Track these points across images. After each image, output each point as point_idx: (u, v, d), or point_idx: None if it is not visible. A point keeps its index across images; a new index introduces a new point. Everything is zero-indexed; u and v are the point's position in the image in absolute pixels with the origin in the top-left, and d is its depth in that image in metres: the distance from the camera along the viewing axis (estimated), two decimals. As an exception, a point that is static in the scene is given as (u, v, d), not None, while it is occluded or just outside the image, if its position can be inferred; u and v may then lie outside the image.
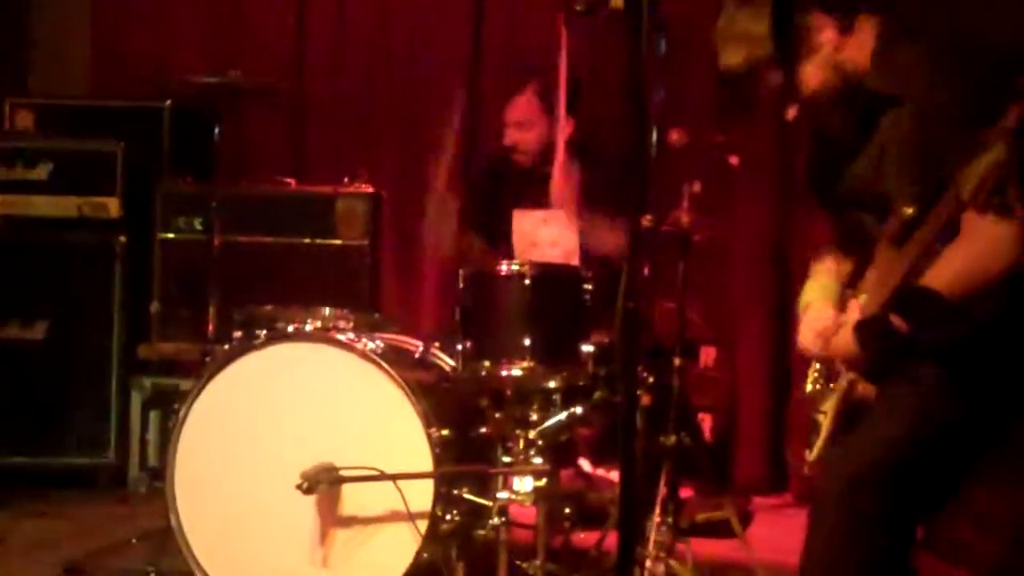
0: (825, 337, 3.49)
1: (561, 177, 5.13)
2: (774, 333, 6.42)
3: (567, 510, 4.53)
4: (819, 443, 3.49)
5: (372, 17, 6.91)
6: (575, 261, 5.09)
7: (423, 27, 6.82)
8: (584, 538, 4.70)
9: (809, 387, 3.63)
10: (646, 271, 3.08)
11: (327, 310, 4.52)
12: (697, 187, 4.86)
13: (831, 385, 3.50)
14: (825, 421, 3.48)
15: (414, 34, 6.84)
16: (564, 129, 5.25)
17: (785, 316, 6.40)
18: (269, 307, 4.58)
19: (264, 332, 4.35)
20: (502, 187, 5.57)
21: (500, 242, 5.40)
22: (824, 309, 3.58)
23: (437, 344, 4.65)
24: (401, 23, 6.87)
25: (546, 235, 5.20)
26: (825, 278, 3.64)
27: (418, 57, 6.84)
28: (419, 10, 6.83)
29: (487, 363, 4.28)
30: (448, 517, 4.18)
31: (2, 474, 5.73)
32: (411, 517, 4.07)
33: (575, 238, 5.16)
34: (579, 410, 4.44)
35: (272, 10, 6.98)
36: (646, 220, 3.13)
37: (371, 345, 4.26)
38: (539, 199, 5.29)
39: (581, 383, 4.36)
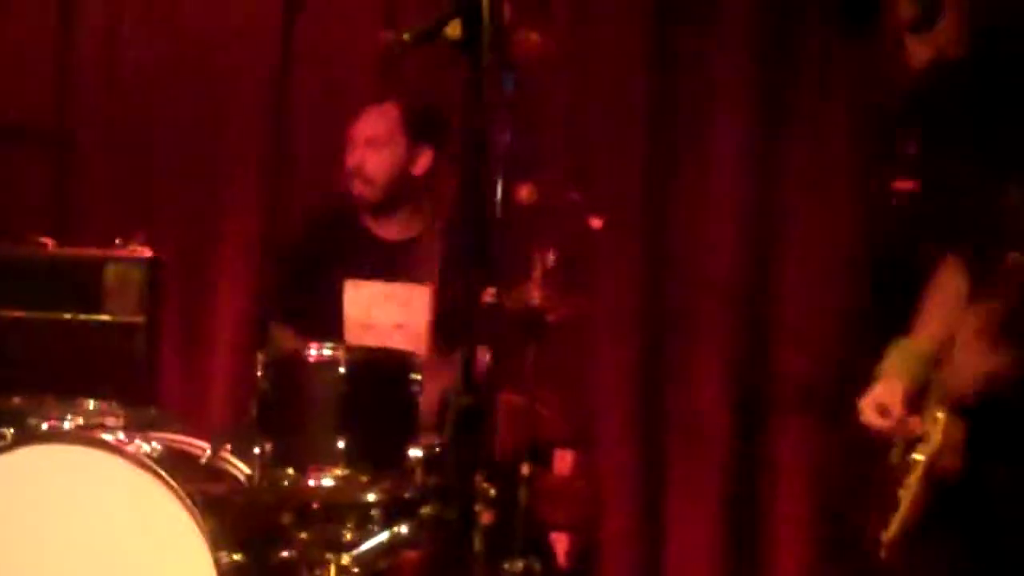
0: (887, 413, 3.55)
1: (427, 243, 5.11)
2: (644, 433, 6.44)
3: (389, 654, 4.52)
4: (897, 521, 3.52)
5: (152, 35, 6.83)
6: (423, 348, 5.08)
7: (218, 49, 6.75)
8: None
9: (894, 457, 3.64)
10: (487, 358, 3.09)
11: (91, 403, 4.50)
12: (552, 257, 4.88)
13: (913, 456, 3.52)
14: (906, 497, 3.51)
15: (205, 58, 6.77)
16: (421, 161, 5.25)
17: (657, 412, 6.44)
18: (18, 399, 4.52)
19: (11, 431, 4.30)
20: (328, 251, 5.43)
21: (320, 329, 5.31)
22: (893, 386, 3.62)
23: (229, 446, 4.62)
24: (190, 42, 6.80)
25: (386, 315, 5.18)
26: (912, 346, 3.65)
27: (211, 88, 6.78)
28: (214, 30, 6.77)
29: (291, 470, 4.28)
30: (241, 662, 4.16)
31: None
32: (195, 663, 4.04)
33: (426, 319, 5.14)
34: (404, 529, 4.44)
35: (27, 28, 6.90)
36: (488, 295, 3.14)
37: (146, 448, 4.25)
38: (379, 266, 5.25)
39: (407, 496, 4.36)
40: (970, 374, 3.40)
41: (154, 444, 4.30)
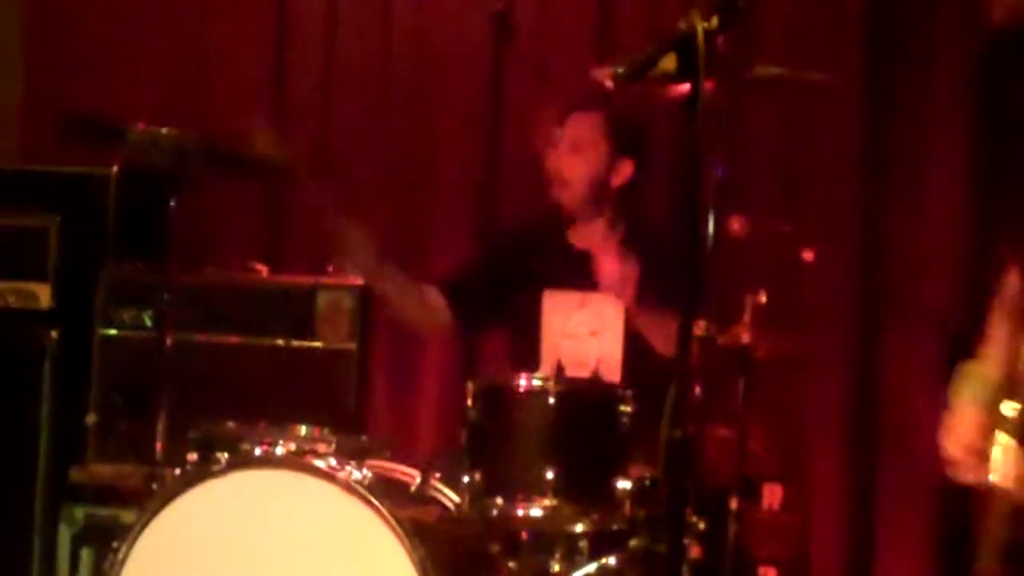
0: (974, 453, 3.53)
1: (617, 258, 5.05)
2: (855, 467, 6.40)
3: None
4: (986, 551, 3.49)
5: (364, 70, 6.92)
6: (616, 361, 5.10)
7: (433, 90, 6.84)
8: None
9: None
10: (697, 391, 3.10)
11: (303, 429, 4.55)
12: (763, 297, 4.88)
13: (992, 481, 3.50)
14: (992, 527, 3.49)
15: (416, 92, 6.85)
16: (621, 171, 5.26)
17: (868, 447, 6.40)
18: (232, 424, 4.61)
19: (225, 455, 4.38)
20: (529, 260, 5.38)
21: (521, 335, 5.34)
22: (967, 416, 3.60)
23: (438, 475, 4.65)
24: (402, 76, 6.88)
25: (582, 323, 5.19)
26: (982, 369, 3.61)
27: (425, 114, 6.85)
28: (427, 69, 6.85)
29: (499, 500, 4.31)
30: None
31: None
32: None
33: (620, 328, 5.16)
34: (612, 561, 4.44)
35: (245, 63, 7.02)
36: (699, 328, 3.16)
37: (357, 475, 4.28)
38: (573, 275, 5.26)
39: (615, 527, 4.37)
40: None
41: (365, 471, 4.32)
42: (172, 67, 7.05)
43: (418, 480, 4.60)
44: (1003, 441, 3.41)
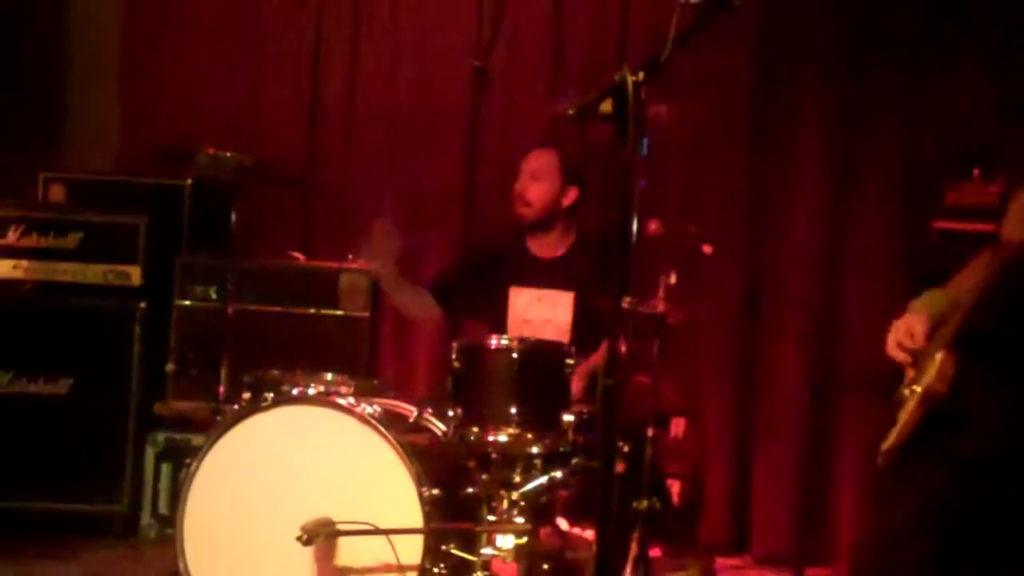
0: (904, 347, 3.51)
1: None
2: (738, 406, 6.42)
3: (545, 566, 4.51)
4: (894, 435, 3.50)
5: (375, 105, 6.91)
6: (566, 339, 5.09)
7: (428, 120, 6.83)
8: (560, 593, 4.69)
9: (903, 389, 3.60)
10: (624, 349, 3.11)
11: (329, 375, 4.54)
12: (673, 279, 4.90)
13: (914, 387, 3.48)
14: (902, 417, 3.48)
15: (418, 129, 6.85)
16: (569, 195, 5.26)
17: (749, 391, 6.42)
18: (276, 371, 4.60)
19: (271, 395, 4.38)
20: (499, 264, 5.37)
21: (492, 321, 5.34)
22: (917, 319, 3.57)
23: (430, 410, 4.63)
24: (403, 108, 6.87)
25: (540, 313, 5.20)
26: (937, 292, 3.60)
27: (421, 150, 6.85)
28: (425, 106, 6.83)
29: (476, 429, 4.32)
30: (436, 570, 4.19)
31: (22, 519, 5.68)
32: (401, 569, 4.08)
33: (569, 318, 5.16)
34: (559, 474, 4.45)
35: (287, 98, 7.00)
36: (626, 302, 3.16)
37: (369, 410, 4.28)
38: (535, 277, 5.27)
39: (562, 449, 4.37)
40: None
41: (375, 407, 4.32)
42: (229, 102, 7.02)
43: (415, 414, 4.59)
44: (933, 355, 3.41)
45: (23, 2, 7.00)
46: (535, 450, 4.35)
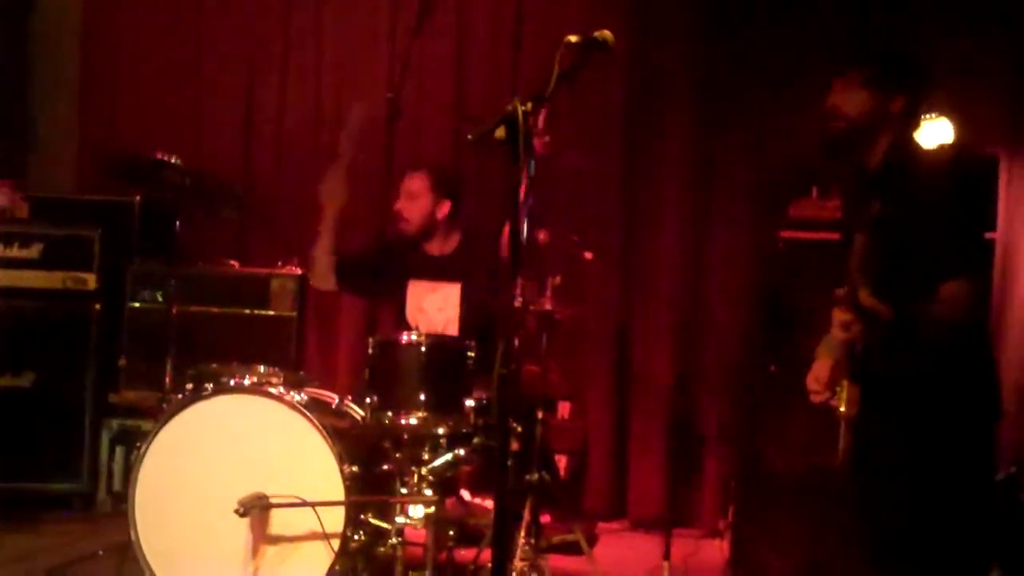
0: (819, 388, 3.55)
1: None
2: (616, 391, 6.44)
3: (451, 532, 4.51)
4: (842, 446, 3.49)
5: (302, 130, 6.83)
6: (455, 326, 5.06)
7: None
8: (464, 554, 4.67)
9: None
10: (516, 342, 3.10)
11: (262, 368, 4.49)
12: (558, 280, 4.92)
13: (840, 409, 3.48)
14: (841, 433, 3.49)
15: (333, 140, 6.76)
16: (442, 208, 5.21)
17: (625, 378, 6.44)
18: (215, 365, 4.54)
19: (211, 385, 4.32)
20: (396, 261, 5.25)
21: (393, 308, 5.29)
22: (822, 364, 3.57)
23: (349, 397, 4.62)
24: (329, 136, 6.78)
25: (432, 303, 5.17)
26: (831, 338, 3.55)
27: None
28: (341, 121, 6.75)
29: (390, 413, 4.28)
30: (356, 537, 4.18)
31: (-8, 497, 5.59)
32: (326, 537, 4.06)
33: (457, 308, 5.14)
34: (462, 452, 4.43)
35: (224, 121, 6.90)
36: (518, 301, 3.15)
37: (297, 397, 4.25)
38: (429, 271, 5.19)
39: (464, 430, 4.36)
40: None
41: (302, 395, 4.29)
42: (174, 126, 6.89)
43: (337, 401, 4.57)
44: (842, 383, 3.43)
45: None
46: (441, 431, 4.33)
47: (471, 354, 4.38)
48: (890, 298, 3.26)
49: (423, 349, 4.31)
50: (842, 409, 3.46)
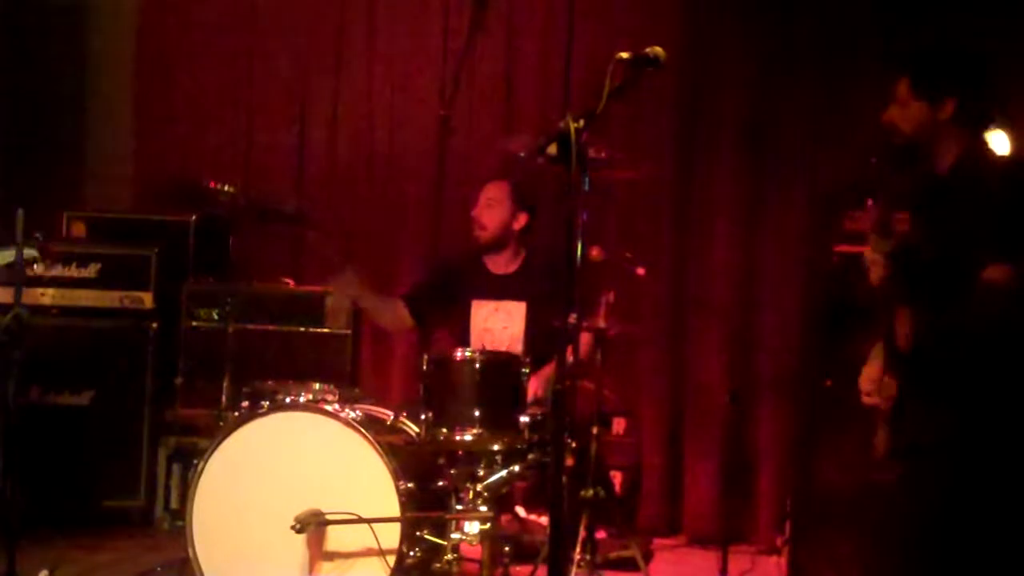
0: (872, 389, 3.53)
1: None
2: (670, 406, 6.41)
3: (506, 548, 4.49)
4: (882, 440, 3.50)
5: (355, 152, 6.86)
6: (520, 344, 5.08)
7: (400, 158, 6.77)
8: (520, 571, 4.65)
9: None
10: (572, 359, 3.09)
11: (317, 385, 4.50)
12: (612, 297, 4.91)
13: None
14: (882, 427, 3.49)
15: (392, 162, 6.80)
16: (520, 220, 5.24)
17: (679, 393, 6.40)
18: (271, 382, 4.57)
19: (267, 403, 4.35)
20: (462, 281, 5.31)
21: (458, 329, 5.31)
22: (871, 368, 3.57)
23: (405, 414, 4.62)
24: (380, 154, 6.82)
25: (497, 321, 5.17)
26: (879, 346, 3.57)
27: (395, 180, 6.80)
28: (397, 146, 6.77)
29: (444, 430, 4.27)
30: (412, 554, 4.18)
31: (53, 514, 5.60)
32: (382, 553, 4.06)
33: (522, 326, 5.14)
34: (517, 468, 4.43)
35: (278, 142, 6.94)
36: (572, 318, 3.15)
37: (352, 414, 4.26)
38: (493, 290, 5.23)
39: (519, 447, 4.35)
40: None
41: (357, 412, 4.30)
42: (229, 146, 6.95)
43: (391, 417, 4.58)
44: (888, 380, 3.41)
45: (43, 46, 6.89)
46: (496, 447, 4.33)
47: (526, 370, 4.37)
48: (936, 288, 3.25)
49: (477, 366, 4.31)
50: (878, 402, 3.46)
